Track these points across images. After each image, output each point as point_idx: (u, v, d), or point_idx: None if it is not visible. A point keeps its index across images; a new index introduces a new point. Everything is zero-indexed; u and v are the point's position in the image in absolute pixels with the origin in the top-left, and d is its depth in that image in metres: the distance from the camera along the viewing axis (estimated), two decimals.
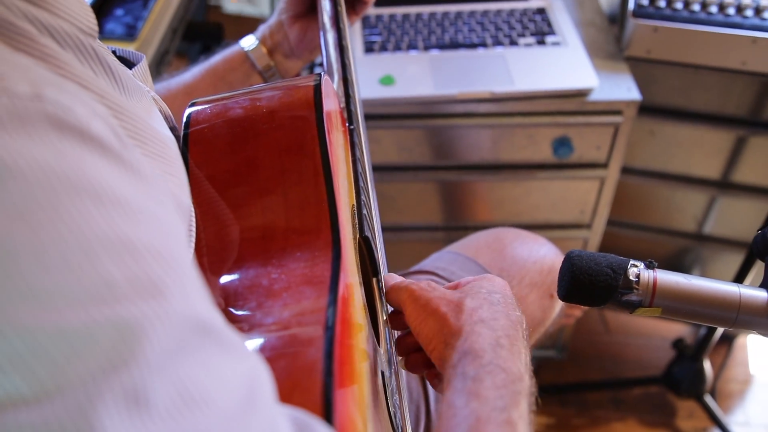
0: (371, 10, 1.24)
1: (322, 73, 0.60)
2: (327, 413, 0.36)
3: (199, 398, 0.29)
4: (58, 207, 0.30)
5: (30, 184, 0.29)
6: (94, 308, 0.29)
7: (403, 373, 0.65)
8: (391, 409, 0.54)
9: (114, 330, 0.28)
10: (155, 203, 0.35)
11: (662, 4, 1.17)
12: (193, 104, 0.57)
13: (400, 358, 0.62)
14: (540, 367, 1.57)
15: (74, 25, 0.41)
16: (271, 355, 0.39)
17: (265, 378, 0.34)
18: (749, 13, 1.15)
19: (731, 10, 1.16)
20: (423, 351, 0.57)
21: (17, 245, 0.28)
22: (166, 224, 0.35)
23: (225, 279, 0.49)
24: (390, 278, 0.61)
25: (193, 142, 0.54)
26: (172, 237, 0.35)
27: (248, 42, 0.89)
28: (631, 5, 1.18)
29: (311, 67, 1.28)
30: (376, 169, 1.20)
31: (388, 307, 0.61)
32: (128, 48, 1.07)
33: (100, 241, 0.30)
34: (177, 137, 0.57)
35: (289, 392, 0.36)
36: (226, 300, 0.47)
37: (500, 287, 0.58)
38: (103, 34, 1.08)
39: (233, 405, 0.30)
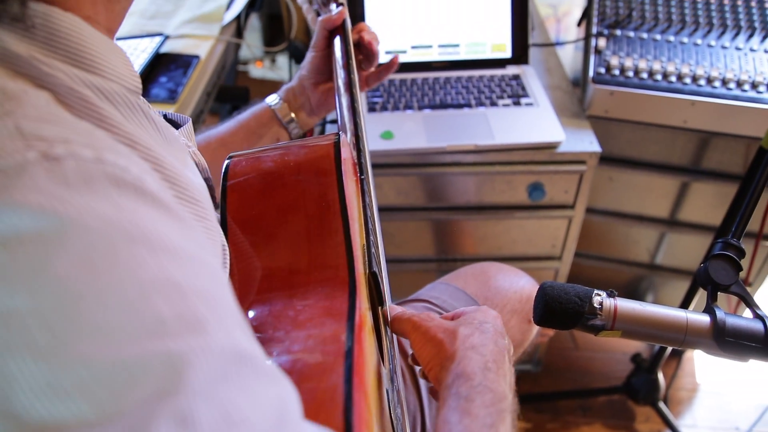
0: None
1: (341, 133, 0.60)
2: (348, 430, 0.35)
3: (239, 420, 0.29)
4: (118, 254, 0.30)
5: (93, 234, 0.29)
6: (147, 342, 0.28)
7: (402, 388, 0.65)
8: (394, 421, 0.54)
9: (165, 361, 0.28)
10: (197, 247, 0.34)
11: (617, 72, 1.19)
12: (230, 157, 0.57)
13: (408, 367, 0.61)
14: (518, 379, 1.53)
15: (122, 85, 0.41)
16: (298, 379, 0.38)
17: (294, 399, 0.33)
18: (688, 80, 1.17)
19: (673, 78, 1.17)
20: None
21: (83, 288, 0.28)
22: (207, 265, 0.34)
23: (256, 308, 0.48)
24: (393, 309, 0.61)
25: (230, 190, 0.54)
26: (213, 276, 0.34)
27: (273, 100, 0.89)
28: (591, 73, 1.19)
29: (323, 123, 1.29)
30: (378, 210, 1.21)
31: (391, 332, 0.61)
32: (170, 108, 1.09)
33: (152, 283, 0.30)
34: (210, 186, 0.57)
35: (314, 413, 0.35)
36: (257, 327, 0.46)
37: (491, 318, 0.58)
38: (149, 97, 1.08)
39: (268, 424, 0.30)
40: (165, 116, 0.55)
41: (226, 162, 0.56)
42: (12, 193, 0.29)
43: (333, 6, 0.89)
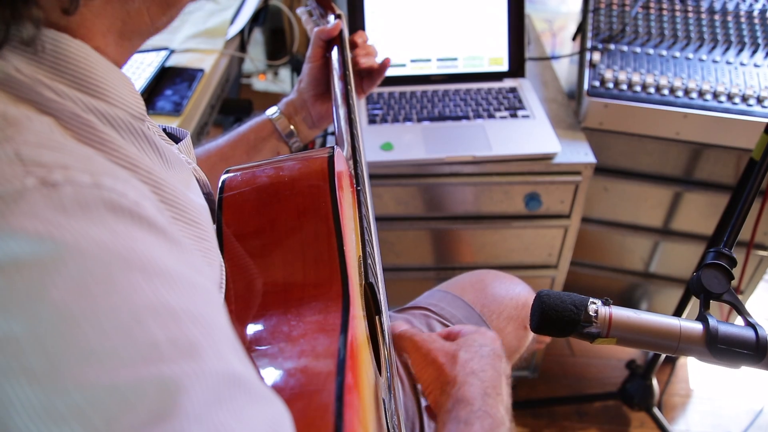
0: (375, 89, 1.26)
1: (335, 147, 0.59)
2: None
3: None
4: (113, 280, 0.29)
5: (89, 260, 0.29)
6: (142, 367, 0.28)
7: (400, 395, 0.64)
8: (391, 430, 0.53)
9: (159, 386, 0.28)
10: (193, 271, 0.34)
11: (611, 85, 1.19)
12: (227, 172, 0.57)
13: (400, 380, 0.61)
14: (516, 385, 1.53)
15: (127, 111, 0.41)
16: (290, 397, 0.38)
17: (286, 420, 0.33)
18: (680, 93, 1.17)
19: (666, 91, 1.17)
20: None
21: (79, 313, 0.28)
22: (202, 290, 0.34)
23: (250, 325, 0.47)
24: (397, 327, 0.61)
25: (226, 205, 0.53)
26: (207, 301, 0.34)
27: (272, 112, 0.88)
28: (586, 86, 1.20)
29: (324, 135, 1.29)
30: (378, 219, 1.20)
31: (388, 341, 0.60)
32: (175, 121, 1.09)
33: (146, 308, 0.30)
34: (211, 201, 0.56)
35: (305, 431, 0.35)
36: (251, 343, 0.45)
37: (490, 341, 0.58)
38: (155, 110, 1.08)
39: None
40: (164, 130, 0.54)
41: (223, 177, 0.56)
42: (9, 220, 0.29)
43: (331, 18, 0.89)
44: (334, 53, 0.85)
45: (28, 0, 0.35)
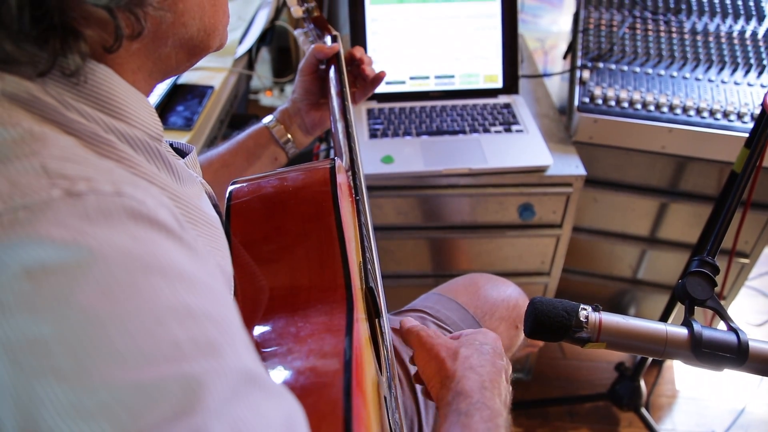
0: (376, 105, 1.26)
1: (336, 158, 0.59)
2: None
3: None
4: (135, 283, 0.30)
5: (112, 265, 0.29)
6: (165, 365, 0.28)
7: (399, 394, 0.65)
8: (393, 426, 0.53)
9: (181, 383, 0.28)
10: (208, 275, 0.34)
11: (600, 101, 1.19)
12: (233, 183, 0.57)
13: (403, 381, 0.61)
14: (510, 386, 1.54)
15: (145, 132, 0.42)
16: (301, 392, 0.38)
17: (299, 413, 0.33)
18: (665, 109, 1.17)
19: (652, 107, 1.18)
20: None
21: (104, 315, 0.28)
22: (218, 292, 0.34)
23: (259, 327, 0.48)
24: (406, 322, 0.61)
25: (234, 213, 0.54)
26: (223, 302, 0.34)
27: (268, 120, 0.88)
28: (576, 102, 1.20)
29: (328, 149, 1.29)
30: (379, 229, 1.20)
31: (388, 342, 0.60)
32: (186, 135, 1.10)
33: (168, 310, 0.30)
34: (219, 213, 0.56)
35: (316, 426, 0.35)
36: (261, 344, 0.46)
37: (491, 340, 0.58)
38: (167, 125, 1.08)
39: None
40: (171, 145, 0.55)
41: (230, 188, 0.56)
42: (37, 228, 0.29)
43: (328, 39, 0.89)
44: (332, 72, 0.85)
45: (78, 35, 0.36)
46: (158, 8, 0.40)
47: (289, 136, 0.88)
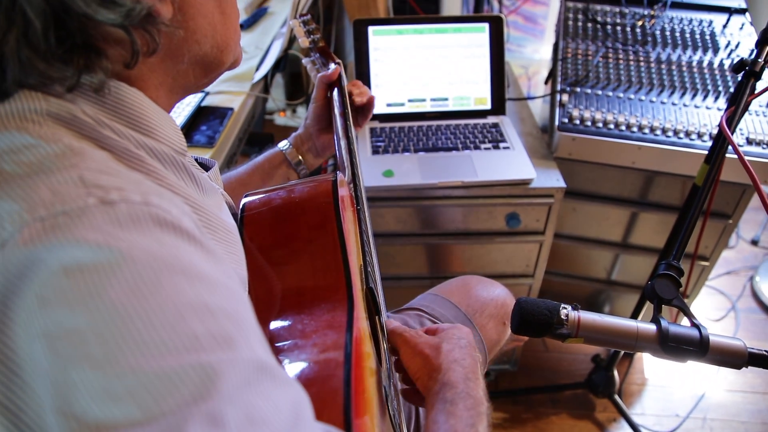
0: (378, 124, 1.27)
1: (338, 173, 0.60)
2: (347, 427, 0.35)
3: (260, 420, 0.29)
4: (160, 282, 0.30)
5: (140, 265, 0.30)
6: (185, 355, 0.28)
7: (398, 383, 0.64)
8: (391, 412, 0.53)
9: (200, 371, 0.28)
10: (225, 276, 0.34)
11: (578, 122, 1.20)
12: (246, 195, 0.57)
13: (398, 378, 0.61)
14: (498, 377, 1.53)
15: (171, 147, 0.42)
16: (306, 382, 0.38)
17: (306, 401, 0.33)
18: (635, 129, 1.18)
19: (623, 127, 1.18)
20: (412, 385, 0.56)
21: (132, 310, 0.28)
22: (233, 291, 0.34)
23: (271, 324, 0.48)
24: (389, 323, 0.61)
25: (247, 223, 0.54)
26: (238, 300, 0.34)
27: (284, 145, 0.89)
28: (557, 122, 1.21)
29: (335, 163, 1.30)
30: (380, 235, 1.20)
31: (387, 336, 0.60)
32: (208, 152, 1.10)
33: (188, 306, 0.30)
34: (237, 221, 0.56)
35: (319, 413, 0.35)
36: (272, 339, 0.46)
37: (466, 334, 0.58)
38: (192, 143, 1.08)
39: (285, 423, 0.30)
40: (196, 159, 0.55)
41: (243, 200, 0.56)
42: (74, 232, 0.29)
43: (332, 66, 0.89)
44: (335, 94, 0.85)
45: (100, 52, 0.36)
46: (170, 26, 0.40)
47: (301, 158, 0.89)
